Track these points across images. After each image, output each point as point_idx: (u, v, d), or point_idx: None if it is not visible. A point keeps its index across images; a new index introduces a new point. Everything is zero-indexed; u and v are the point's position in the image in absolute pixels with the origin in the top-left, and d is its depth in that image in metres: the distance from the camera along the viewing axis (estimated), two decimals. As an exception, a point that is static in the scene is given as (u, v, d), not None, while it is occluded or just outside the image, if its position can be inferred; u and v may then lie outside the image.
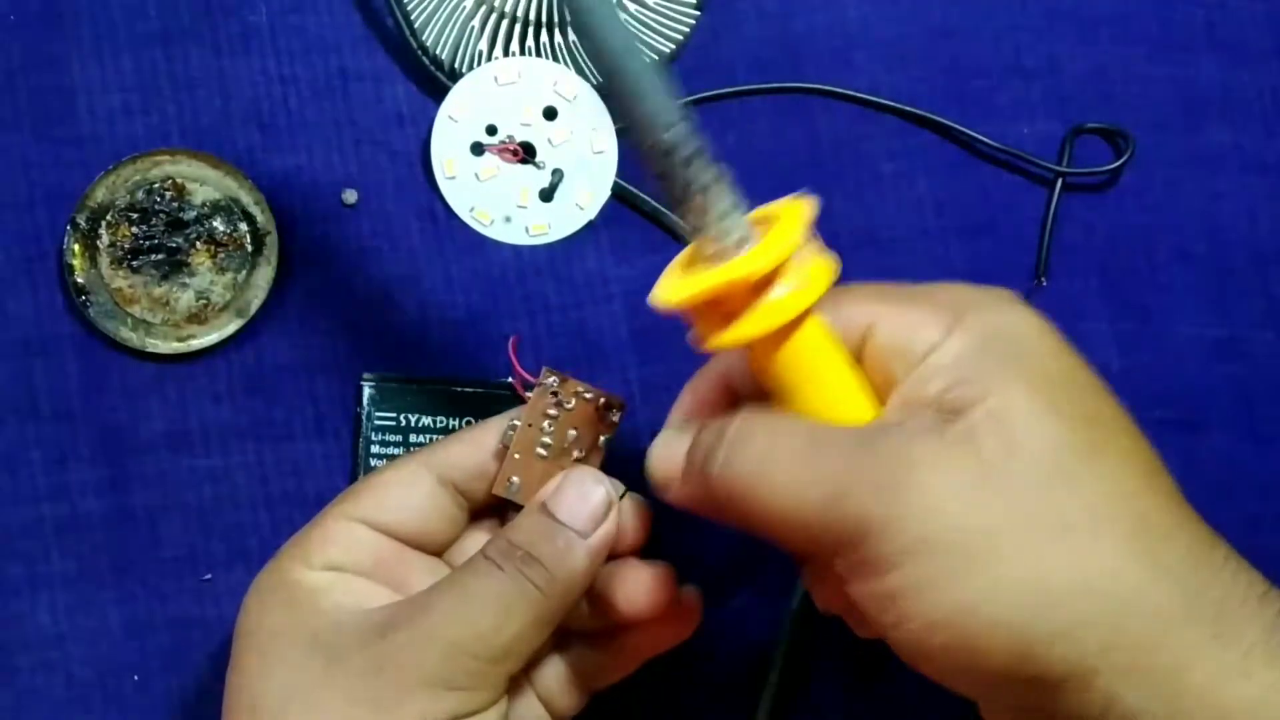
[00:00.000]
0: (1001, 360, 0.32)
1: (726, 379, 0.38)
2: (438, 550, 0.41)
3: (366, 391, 0.46)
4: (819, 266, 0.33)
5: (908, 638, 0.31)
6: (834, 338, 0.35)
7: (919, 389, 0.33)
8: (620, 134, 0.47)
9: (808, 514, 0.32)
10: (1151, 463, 0.33)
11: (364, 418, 0.46)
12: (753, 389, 0.37)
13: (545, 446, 0.39)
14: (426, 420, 0.46)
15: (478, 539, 0.41)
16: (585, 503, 0.38)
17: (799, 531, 0.33)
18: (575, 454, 0.39)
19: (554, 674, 0.41)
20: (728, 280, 0.32)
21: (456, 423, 0.46)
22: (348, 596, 0.38)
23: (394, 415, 0.46)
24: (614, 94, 0.32)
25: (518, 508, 0.40)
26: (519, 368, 0.43)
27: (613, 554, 0.39)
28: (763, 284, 0.33)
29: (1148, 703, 0.30)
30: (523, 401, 0.41)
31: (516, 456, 0.39)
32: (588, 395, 0.39)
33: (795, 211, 0.34)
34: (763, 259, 0.32)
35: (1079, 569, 0.30)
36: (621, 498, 0.40)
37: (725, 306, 0.33)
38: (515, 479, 0.39)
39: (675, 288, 0.33)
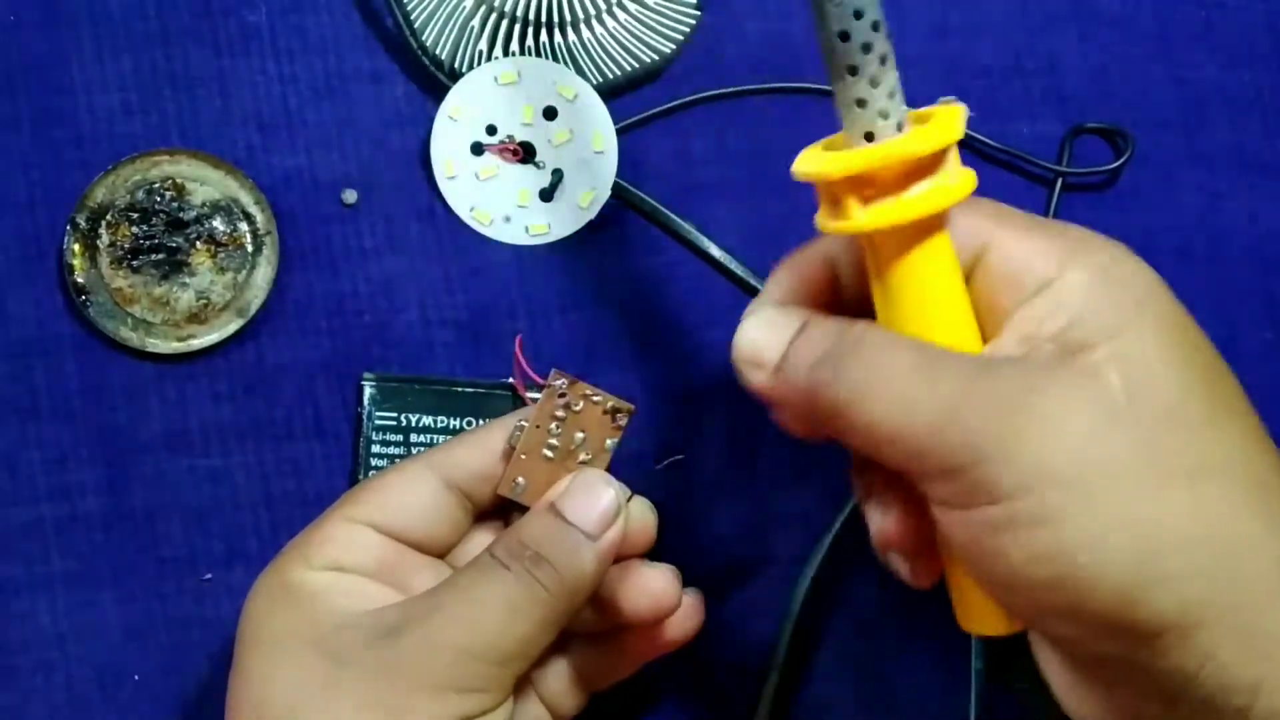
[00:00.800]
0: (1124, 303, 0.31)
1: (831, 265, 0.36)
2: (441, 552, 0.41)
3: (367, 391, 0.46)
4: (964, 173, 0.32)
5: (1007, 570, 0.30)
6: (955, 256, 0.33)
7: (1038, 323, 0.32)
8: (620, 134, 0.47)
9: (919, 431, 0.30)
10: (1261, 429, 0.32)
11: (364, 417, 0.46)
12: (856, 287, 0.35)
13: (551, 448, 0.39)
14: (427, 420, 0.46)
15: (481, 540, 0.41)
16: (595, 504, 0.38)
17: (904, 449, 0.31)
18: (582, 456, 0.39)
19: (556, 675, 0.41)
20: (892, 155, 0.31)
21: (457, 423, 0.46)
22: (350, 597, 0.38)
23: (395, 415, 0.46)
24: None
25: (523, 509, 0.40)
26: (525, 366, 0.42)
27: (619, 556, 0.39)
28: (916, 174, 0.32)
29: (1245, 666, 0.29)
30: (523, 402, 0.41)
31: (523, 457, 0.39)
32: (596, 399, 0.39)
33: (953, 113, 0.33)
34: (928, 140, 0.31)
35: (1197, 516, 0.29)
36: (628, 500, 0.40)
37: (872, 189, 0.32)
38: (521, 480, 0.39)
39: (825, 160, 0.32)
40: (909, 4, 0.48)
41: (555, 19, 0.46)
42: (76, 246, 0.45)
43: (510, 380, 0.46)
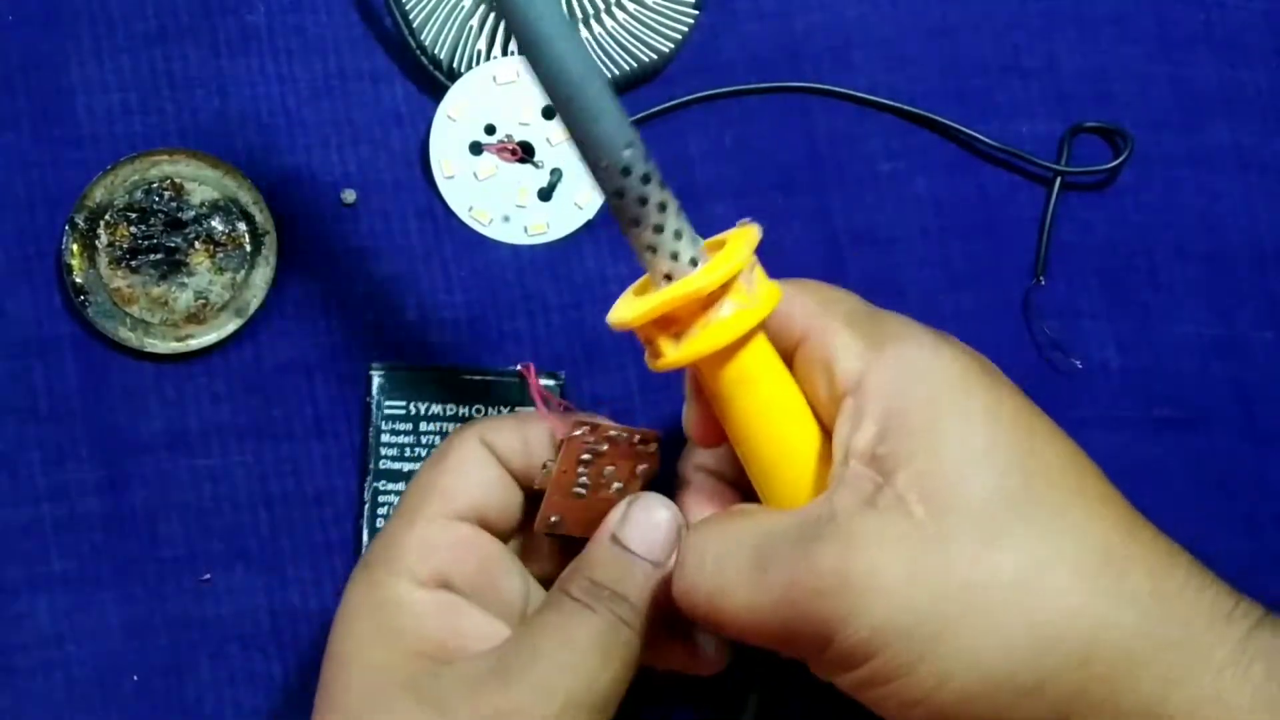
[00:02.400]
0: (923, 408, 0.33)
1: (709, 469, 0.39)
2: (510, 531, 0.40)
3: (376, 380, 0.46)
4: (766, 289, 0.34)
5: (893, 716, 0.32)
6: (777, 360, 0.35)
7: (851, 436, 0.33)
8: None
9: (772, 627, 0.33)
10: (1099, 487, 0.33)
11: (374, 406, 0.46)
12: (734, 469, 0.38)
13: (583, 486, 0.38)
14: (436, 408, 0.46)
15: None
16: (656, 531, 0.37)
17: (769, 642, 0.34)
18: (614, 485, 0.39)
19: None
20: (679, 296, 0.33)
21: (466, 410, 0.46)
22: (448, 625, 0.37)
23: (404, 404, 0.46)
24: (569, 114, 0.32)
25: (567, 537, 0.39)
26: (538, 395, 0.41)
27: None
28: (712, 304, 0.33)
29: None
30: (532, 393, 0.40)
31: (555, 498, 0.38)
32: (621, 435, 0.38)
33: (742, 235, 0.34)
34: (712, 275, 0.33)
35: (1034, 624, 0.30)
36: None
37: (677, 326, 0.34)
38: (555, 518, 0.38)
39: (630, 307, 0.34)
40: (907, 3, 0.48)
41: (554, 18, 0.46)
42: (75, 246, 0.45)
43: (518, 367, 0.46)
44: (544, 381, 0.46)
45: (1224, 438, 0.48)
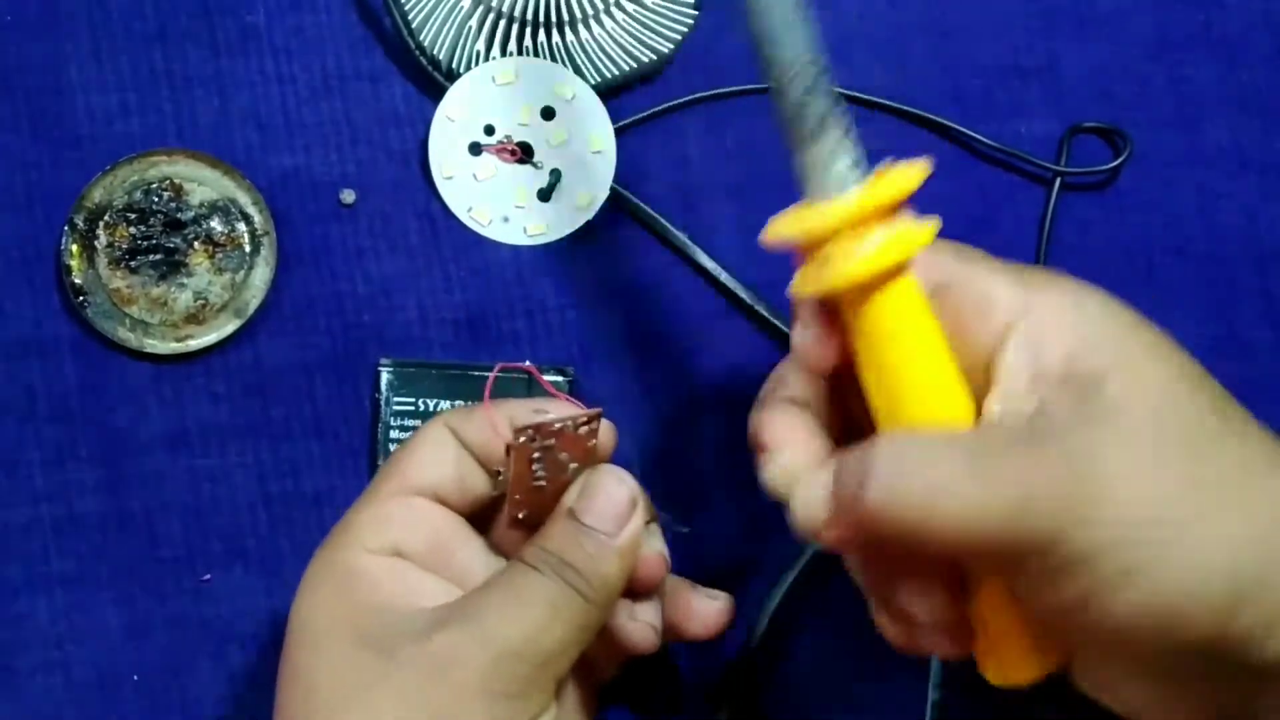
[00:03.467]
0: (1110, 332, 0.33)
1: (793, 402, 0.37)
2: (473, 513, 0.40)
3: (384, 376, 0.46)
4: (919, 226, 0.33)
5: (1110, 629, 0.31)
6: (924, 299, 0.34)
7: (1038, 358, 0.33)
8: (618, 134, 0.47)
9: (990, 532, 0.31)
10: (1257, 423, 0.33)
11: (382, 403, 0.46)
12: (822, 405, 0.36)
13: (540, 479, 0.38)
14: (445, 404, 0.46)
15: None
16: (610, 503, 0.38)
17: (983, 549, 0.32)
18: (571, 466, 0.39)
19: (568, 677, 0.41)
20: (837, 217, 0.32)
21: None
22: (401, 587, 0.37)
23: (412, 400, 0.46)
24: (762, 27, 0.33)
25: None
26: (547, 383, 0.41)
27: (640, 585, 0.39)
28: (878, 221, 0.33)
29: None
30: (539, 385, 0.40)
31: (517, 497, 0.38)
32: (566, 426, 0.38)
33: (909, 170, 0.34)
34: (889, 191, 0.32)
35: (1253, 525, 0.31)
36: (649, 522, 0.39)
37: (846, 241, 0.33)
38: (523, 514, 0.39)
39: (786, 223, 0.33)
40: (906, 3, 0.48)
41: (553, 19, 0.46)
42: (74, 247, 0.45)
43: (528, 363, 0.46)
44: (552, 377, 0.46)
45: (1222, 438, 0.48)
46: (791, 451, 0.36)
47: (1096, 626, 0.31)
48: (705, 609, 0.41)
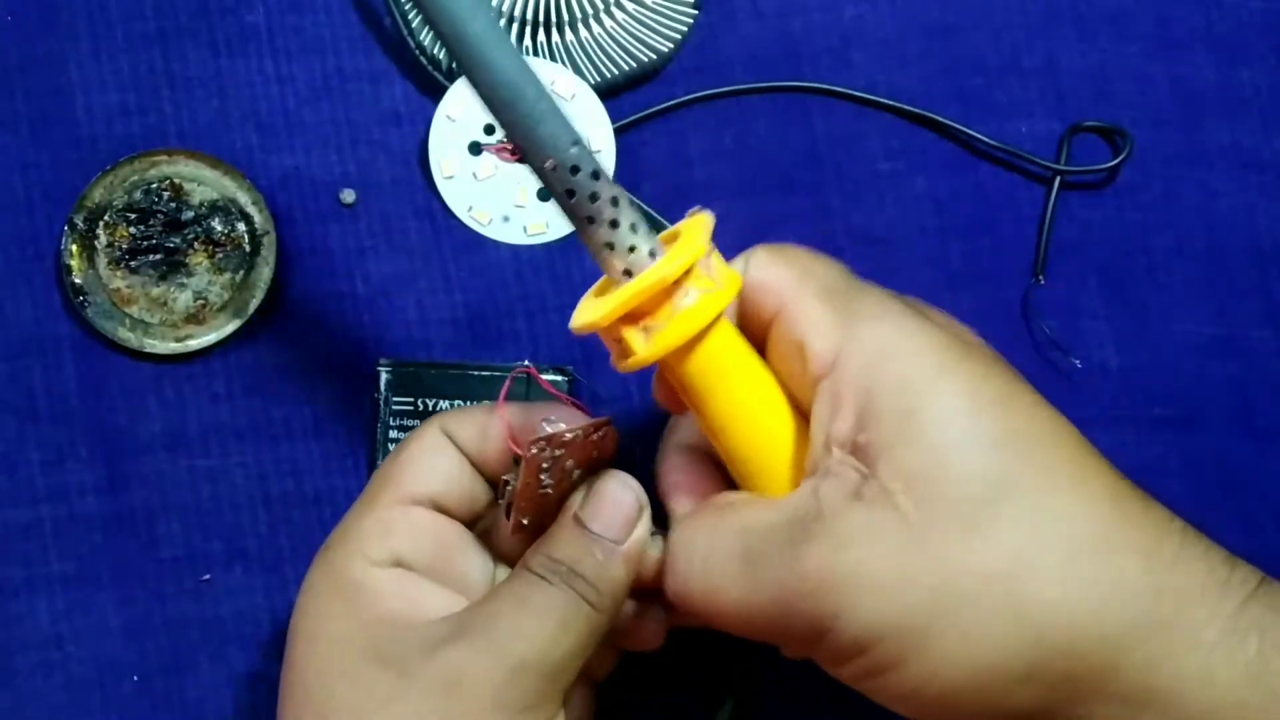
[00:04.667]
0: (898, 390, 0.32)
1: (690, 445, 0.39)
2: (472, 519, 0.40)
3: (384, 377, 0.46)
4: (727, 274, 0.34)
5: (889, 704, 0.33)
6: (745, 344, 0.35)
7: (831, 424, 0.33)
8: (617, 134, 0.47)
9: (766, 624, 0.33)
10: (1087, 462, 0.33)
11: (381, 403, 0.46)
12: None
13: (547, 487, 0.38)
14: (444, 405, 0.46)
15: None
16: (617, 510, 0.38)
17: (766, 637, 0.34)
18: (575, 474, 0.39)
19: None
20: (644, 288, 0.33)
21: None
22: (405, 600, 0.37)
23: (411, 400, 0.46)
24: (509, 120, 0.32)
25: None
26: (547, 384, 0.42)
27: (647, 586, 0.39)
28: (674, 293, 0.33)
29: None
30: (538, 382, 0.41)
31: (523, 504, 0.38)
32: (577, 436, 0.38)
33: (697, 223, 0.34)
34: (674, 262, 0.33)
35: (1021, 616, 0.31)
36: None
37: (644, 321, 0.34)
38: (527, 520, 0.39)
39: (593, 308, 0.34)
40: (906, 3, 0.48)
41: (553, 18, 0.46)
42: (74, 247, 0.45)
43: (525, 363, 0.46)
44: (552, 377, 0.46)
45: (1222, 437, 0.48)
46: (676, 500, 0.38)
47: (893, 702, 0.32)
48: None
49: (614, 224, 0.33)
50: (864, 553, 0.31)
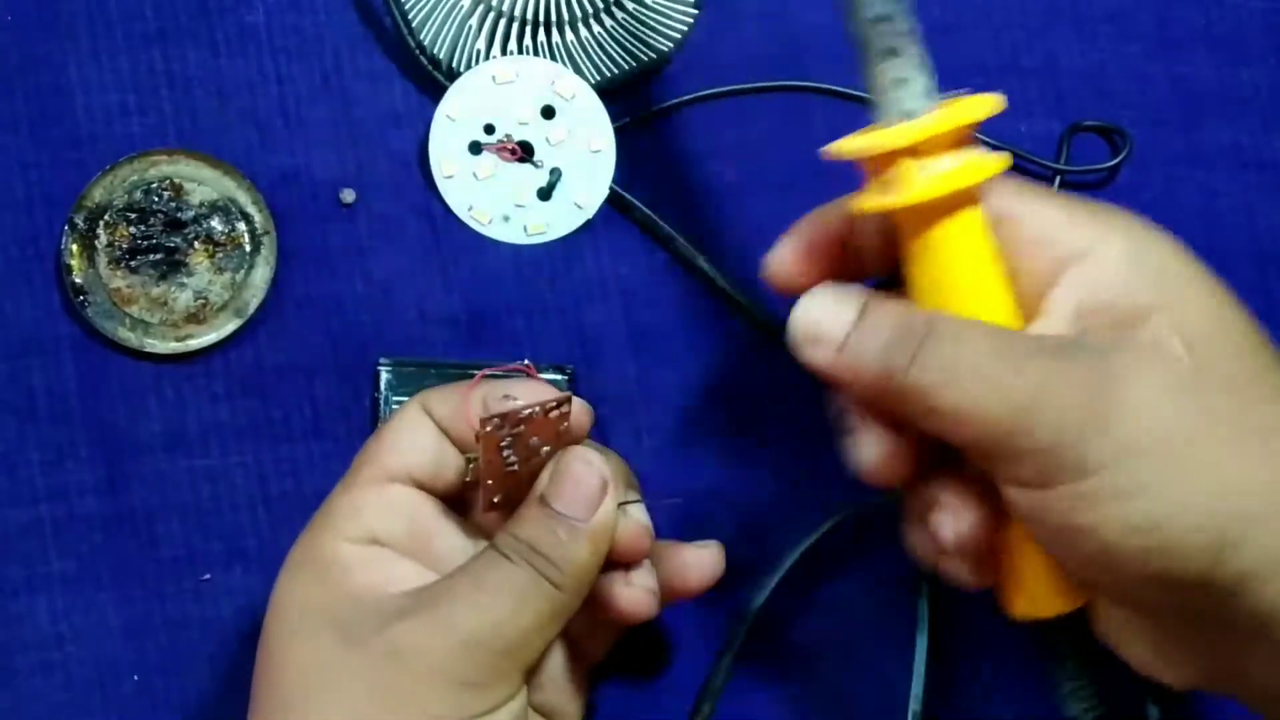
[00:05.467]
0: (1167, 275, 0.34)
1: (850, 231, 0.38)
2: (451, 495, 0.40)
3: (384, 376, 0.46)
4: (990, 157, 0.34)
5: (1100, 544, 0.31)
6: (987, 231, 0.35)
7: (1086, 295, 0.34)
8: (617, 134, 0.47)
9: (1007, 415, 0.32)
10: None
11: (382, 403, 0.46)
12: (878, 259, 0.37)
13: (512, 464, 0.38)
14: None
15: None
16: (580, 488, 0.38)
17: (991, 432, 0.32)
18: (543, 450, 0.39)
19: (557, 660, 0.41)
20: (910, 136, 0.33)
21: None
22: (377, 575, 0.37)
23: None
24: None
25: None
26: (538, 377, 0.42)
27: (620, 557, 0.39)
28: (957, 146, 0.33)
29: None
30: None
31: (489, 482, 0.38)
32: (535, 412, 0.38)
33: (981, 99, 0.34)
34: (980, 108, 0.33)
35: (1273, 471, 0.31)
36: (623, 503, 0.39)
37: (922, 159, 0.33)
38: (498, 498, 0.39)
39: (858, 139, 0.34)
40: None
41: (553, 18, 0.46)
42: (74, 247, 0.45)
43: (526, 362, 0.46)
44: (551, 376, 0.46)
45: (1223, 436, 0.48)
46: (802, 244, 0.38)
47: (1085, 541, 0.31)
48: (699, 559, 0.41)
49: (918, 61, 0.33)
50: (1136, 377, 0.31)
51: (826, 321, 0.35)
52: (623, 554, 0.39)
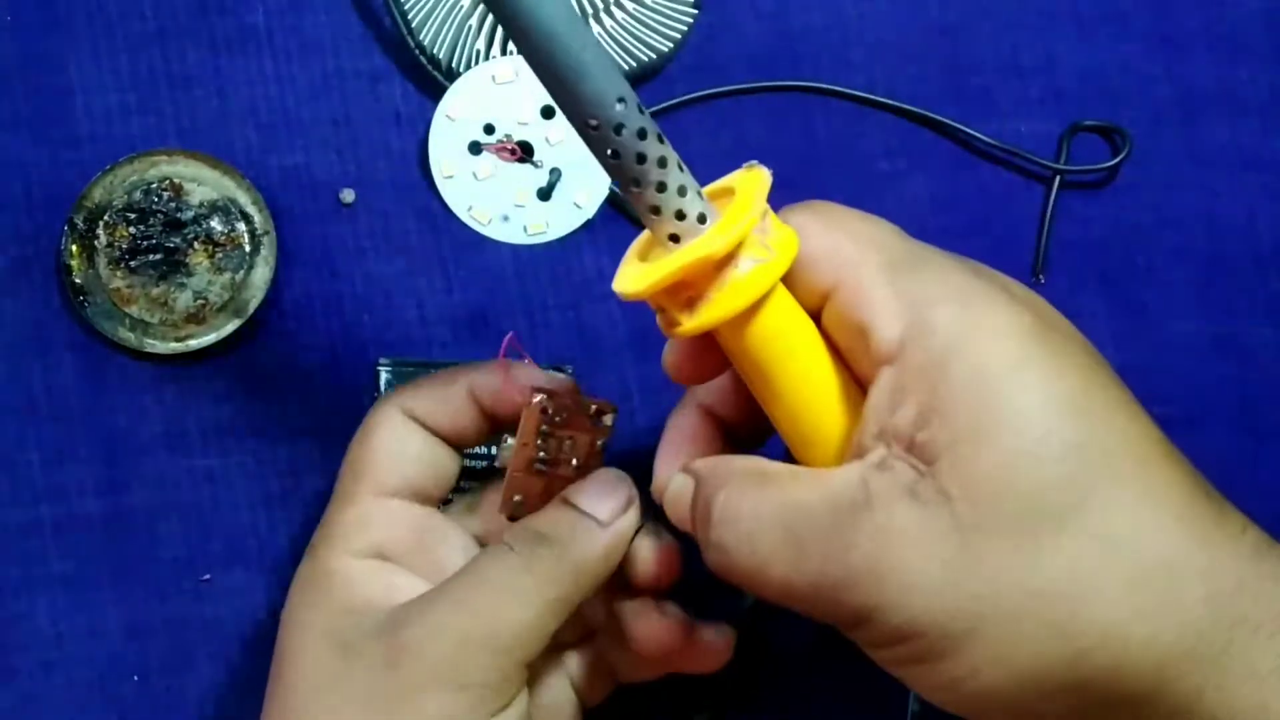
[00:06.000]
0: (969, 388, 0.30)
1: (707, 407, 0.38)
2: (443, 495, 0.40)
3: (383, 376, 0.46)
4: (782, 237, 0.32)
5: (921, 694, 0.32)
6: (799, 311, 0.33)
7: (891, 416, 0.31)
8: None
9: (808, 605, 0.32)
10: (1163, 470, 0.31)
11: None
12: (734, 412, 0.37)
13: (543, 461, 0.38)
14: None
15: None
16: (607, 496, 0.37)
17: (807, 611, 0.33)
18: (573, 461, 0.39)
19: (582, 662, 0.41)
20: (692, 261, 0.31)
21: None
22: (378, 587, 0.37)
23: None
24: (551, 71, 0.28)
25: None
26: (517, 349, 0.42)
27: (636, 587, 0.39)
28: (725, 262, 0.31)
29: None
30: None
31: (516, 475, 0.38)
32: (580, 405, 0.38)
33: (752, 183, 0.32)
34: (726, 235, 0.31)
35: (1068, 635, 0.29)
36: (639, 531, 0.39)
37: (691, 291, 0.32)
38: (518, 497, 0.39)
39: (637, 276, 0.32)
40: (906, 2, 0.48)
41: (552, 18, 0.46)
42: (74, 247, 0.45)
43: (526, 360, 0.46)
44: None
45: (1223, 435, 0.48)
46: (676, 449, 0.37)
47: (926, 691, 0.32)
48: (716, 643, 0.40)
49: (661, 187, 0.30)
50: (911, 553, 0.30)
51: (676, 510, 0.36)
52: (656, 574, 0.38)
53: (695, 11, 0.47)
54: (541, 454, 0.38)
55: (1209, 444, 0.47)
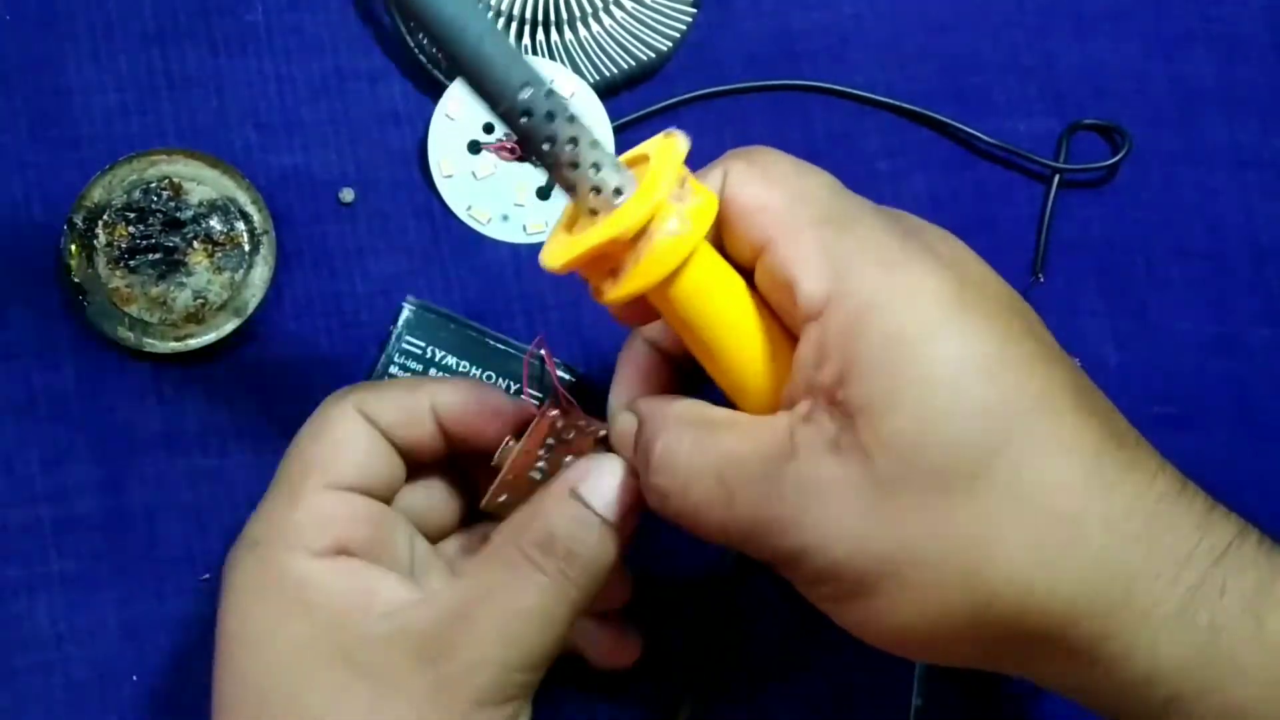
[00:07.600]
0: (886, 349, 0.31)
1: (653, 342, 0.38)
2: (388, 495, 0.40)
3: (405, 313, 0.46)
4: (700, 204, 0.33)
5: (848, 630, 0.33)
6: (725, 267, 0.34)
7: (812, 373, 0.32)
8: (616, 132, 0.47)
9: (739, 544, 0.34)
10: (1071, 421, 0.31)
11: (393, 338, 0.45)
12: (677, 349, 0.38)
13: (540, 471, 0.38)
14: (450, 360, 0.46)
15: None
16: (614, 493, 0.37)
17: (741, 550, 0.34)
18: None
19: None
20: (607, 238, 0.31)
21: (477, 372, 0.46)
22: (357, 590, 0.36)
23: (422, 344, 0.46)
24: (455, 62, 0.30)
25: (495, 517, 0.39)
26: (551, 365, 0.42)
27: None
28: (640, 235, 0.32)
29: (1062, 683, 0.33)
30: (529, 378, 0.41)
31: (510, 477, 0.38)
32: (589, 429, 0.38)
33: (667, 151, 0.33)
34: (635, 213, 0.31)
35: (972, 587, 0.31)
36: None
37: (611, 262, 0.33)
38: (505, 497, 0.39)
39: (559, 250, 0.33)
40: (906, 2, 0.48)
41: (552, 17, 0.46)
42: (73, 246, 0.45)
43: (542, 352, 0.45)
44: (561, 375, 0.46)
45: (1222, 435, 0.48)
46: (628, 385, 0.38)
47: (850, 628, 0.33)
48: (628, 646, 0.43)
49: (574, 165, 0.31)
50: (832, 503, 0.31)
51: (623, 443, 0.37)
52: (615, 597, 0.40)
53: (694, 10, 0.47)
54: (541, 464, 0.38)
55: (1208, 442, 0.47)
